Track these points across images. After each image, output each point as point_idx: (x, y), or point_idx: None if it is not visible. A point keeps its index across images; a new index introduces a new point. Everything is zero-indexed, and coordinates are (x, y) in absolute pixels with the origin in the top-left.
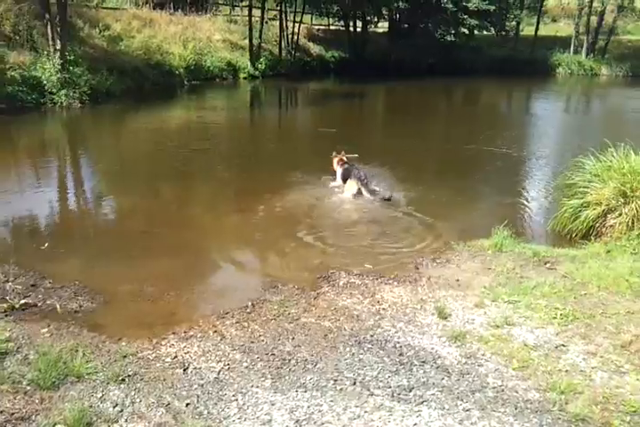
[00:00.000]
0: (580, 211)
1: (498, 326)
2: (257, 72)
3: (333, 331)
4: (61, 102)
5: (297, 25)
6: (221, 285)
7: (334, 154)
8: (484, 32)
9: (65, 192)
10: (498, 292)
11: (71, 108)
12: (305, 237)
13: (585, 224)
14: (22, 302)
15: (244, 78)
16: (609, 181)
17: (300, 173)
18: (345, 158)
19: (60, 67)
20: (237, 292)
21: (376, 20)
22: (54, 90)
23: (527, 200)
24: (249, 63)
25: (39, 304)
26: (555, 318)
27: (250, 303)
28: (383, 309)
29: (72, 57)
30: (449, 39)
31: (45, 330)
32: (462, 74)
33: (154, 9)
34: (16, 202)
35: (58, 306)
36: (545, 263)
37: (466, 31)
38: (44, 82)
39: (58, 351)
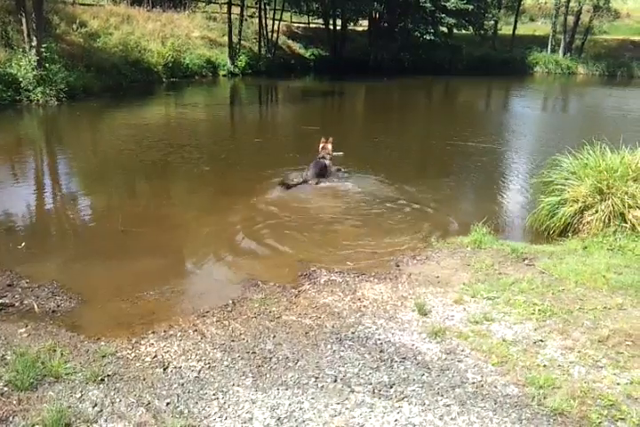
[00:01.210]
0: (557, 208)
1: (477, 322)
2: (236, 69)
3: (314, 328)
4: (38, 100)
5: (276, 22)
6: (202, 283)
7: (322, 139)
8: (463, 31)
9: (42, 190)
10: (477, 288)
11: (48, 106)
12: (285, 235)
13: (562, 221)
14: None
15: (224, 76)
16: (585, 179)
17: (281, 170)
18: (328, 147)
19: (36, 64)
20: (218, 290)
21: (354, 18)
22: (30, 87)
23: (505, 197)
24: (228, 60)
25: (16, 304)
26: (533, 313)
27: (230, 302)
28: (364, 306)
29: (48, 54)
30: (428, 38)
31: (23, 330)
32: (441, 72)
33: (131, 5)
34: None
35: (35, 306)
36: (523, 260)
37: (444, 30)
38: (20, 79)
39: (36, 352)
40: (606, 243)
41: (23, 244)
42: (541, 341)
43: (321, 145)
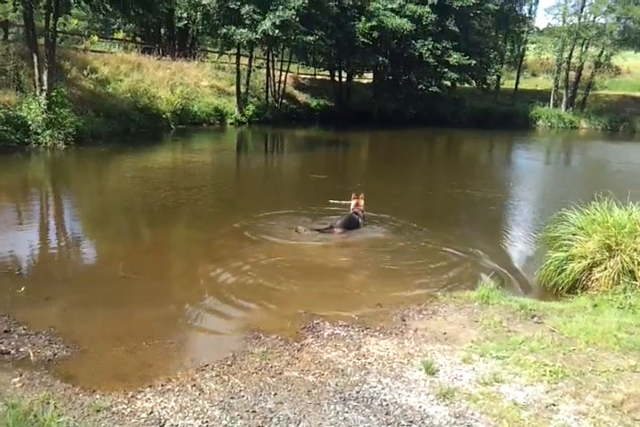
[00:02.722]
0: (565, 263)
1: (487, 384)
2: (244, 118)
3: (317, 386)
4: (46, 143)
5: (284, 73)
6: (202, 335)
7: (354, 195)
8: (466, 84)
9: (45, 234)
10: (486, 346)
11: (55, 149)
12: (291, 284)
13: (570, 277)
14: None
15: (231, 124)
16: (593, 235)
17: (286, 218)
18: (361, 203)
19: (45, 107)
20: (218, 342)
21: (359, 71)
22: (39, 130)
23: (512, 250)
24: (236, 109)
25: (12, 352)
26: (544, 375)
27: (231, 355)
28: (369, 363)
29: (58, 98)
30: (431, 91)
31: (17, 379)
32: (444, 125)
33: (142, 53)
34: None
35: (31, 354)
36: (532, 317)
37: (448, 83)
38: (29, 122)
39: (28, 403)
40: (616, 301)
41: (23, 288)
42: (554, 405)
43: (354, 201)
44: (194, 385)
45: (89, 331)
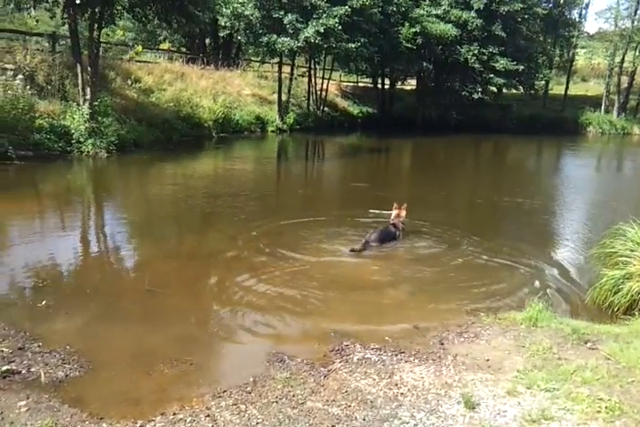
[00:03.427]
0: (622, 282)
1: (534, 421)
2: (285, 126)
3: (342, 420)
4: (88, 151)
5: (326, 81)
6: (223, 356)
7: (395, 205)
8: (513, 90)
9: (78, 244)
10: (533, 377)
11: (97, 158)
12: (323, 302)
13: (628, 298)
14: (5, 368)
15: (272, 132)
16: None
17: (326, 229)
18: (402, 214)
19: (88, 116)
20: (239, 365)
21: (402, 78)
22: (82, 139)
23: (563, 267)
24: (277, 117)
25: (23, 371)
26: (599, 411)
27: (251, 380)
28: (402, 393)
29: (101, 107)
30: (476, 97)
31: (23, 403)
32: (490, 131)
33: (186, 63)
34: (21, 253)
35: (42, 374)
36: (585, 342)
37: (494, 89)
38: (72, 131)
39: None
40: None
41: (44, 302)
42: None
43: (394, 212)
44: (208, 415)
45: (106, 349)
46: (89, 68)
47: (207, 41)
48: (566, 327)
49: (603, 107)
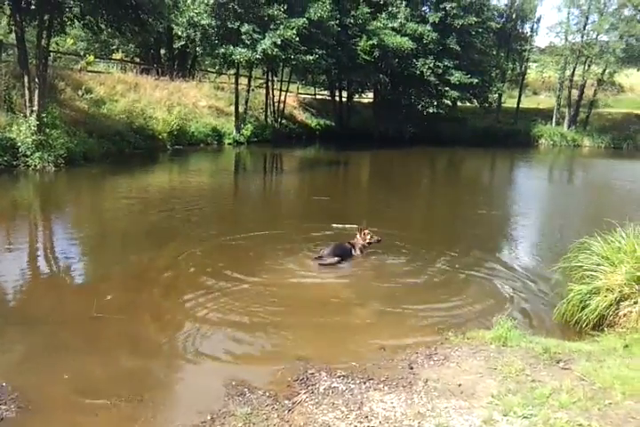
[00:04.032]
0: (589, 298)
1: None
2: (242, 138)
3: None
4: (35, 165)
5: (283, 93)
6: (176, 391)
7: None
8: (467, 103)
9: (19, 266)
10: (509, 402)
11: (45, 172)
12: (282, 325)
13: (596, 313)
14: None
15: (229, 144)
16: (620, 265)
17: (285, 245)
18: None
19: (35, 128)
20: (196, 400)
21: (360, 90)
22: (28, 152)
23: (528, 281)
24: (234, 129)
25: None
26: None
27: (209, 418)
28: None
29: (49, 119)
30: (431, 111)
31: None
32: (445, 144)
33: (140, 74)
34: None
35: None
36: (557, 362)
37: (449, 103)
38: (19, 144)
39: None
40: None
41: None
42: None
43: (362, 232)
44: None
45: (48, 386)
46: (37, 79)
47: (162, 51)
48: (537, 346)
49: (554, 119)
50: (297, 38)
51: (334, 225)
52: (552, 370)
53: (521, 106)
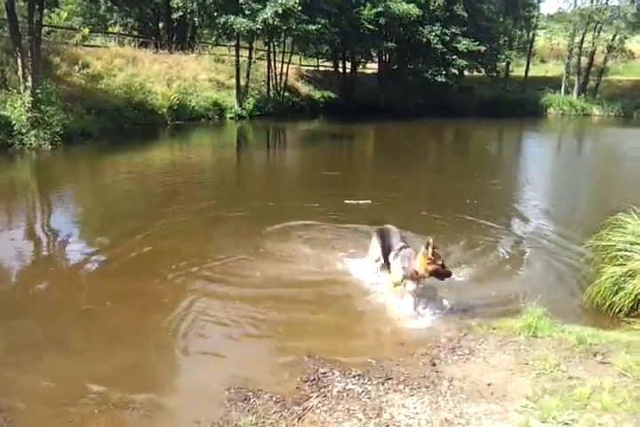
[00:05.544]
0: (623, 281)
1: None
2: (244, 112)
3: None
4: (31, 144)
5: (285, 65)
6: (173, 396)
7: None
8: (475, 73)
9: (6, 252)
10: (546, 405)
11: (41, 150)
12: (289, 317)
13: (632, 298)
14: None
15: (231, 118)
16: None
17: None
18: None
19: (30, 105)
20: (194, 407)
21: (364, 61)
22: (24, 130)
23: (553, 261)
24: (236, 103)
25: None
26: None
27: None
28: None
29: (44, 95)
30: (439, 80)
31: None
32: (453, 114)
33: (138, 47)
34: None
35: None
36: (594, 355)
37: (456, 72)
38: (13, 121)
39: None
40: None
41: None
42: None
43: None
44: None
45: (30, 390)
46: (30, 54)
47: (160, 24)
48: (570, 337)
49: (562, 88)
50: (299, 7)
51: (347, 201)
52: (589, 364)
53: (529, 74)
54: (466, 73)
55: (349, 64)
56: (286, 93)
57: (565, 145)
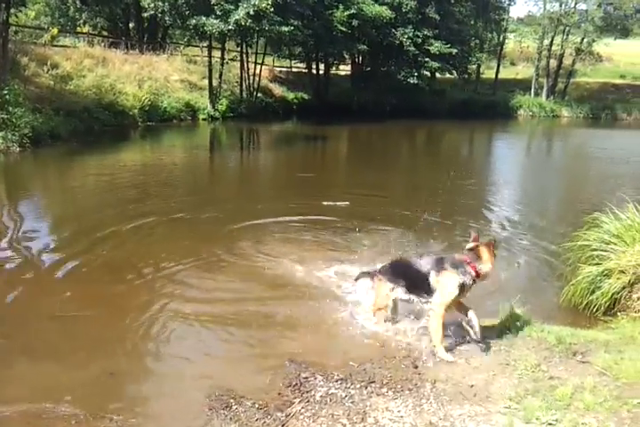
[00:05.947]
0: (600, 280)
1: None
2: (217, 113)
3: None
4: None
5: (258, 66)
6: (151, 406)
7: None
8: (447, 75)
9: None
10: (529, 406)
11: (9, 153)
12: (268, 319)
13: (608, 297)
14: None
15: (204, 119)
16: (634, 244)
17: (272, 228)
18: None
19: None
20: (172, 417)
21: (337, 62)
22: None
23: (529, 262)
24: (209, 104)
25: None
26: None
27: None
28: None
29: (11, 96)
30: (411, 82)
31: None
32: (425, 116)
33: (108, 47)
34: None
35: None
36: (574, 354)
37: (428, 74)
38: None
39: None
40: None
41: None
42: None
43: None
44: None
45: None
46: None
47: (131, 24)
48: (549, 336)
49: (532, 90)
50: (271, 9)
51: (325, 203)
52: (569, 364)
53: (499, 77)
54: (438, 75)
55: (323, 66)
56: (259, 94)
57: (535, 146)
